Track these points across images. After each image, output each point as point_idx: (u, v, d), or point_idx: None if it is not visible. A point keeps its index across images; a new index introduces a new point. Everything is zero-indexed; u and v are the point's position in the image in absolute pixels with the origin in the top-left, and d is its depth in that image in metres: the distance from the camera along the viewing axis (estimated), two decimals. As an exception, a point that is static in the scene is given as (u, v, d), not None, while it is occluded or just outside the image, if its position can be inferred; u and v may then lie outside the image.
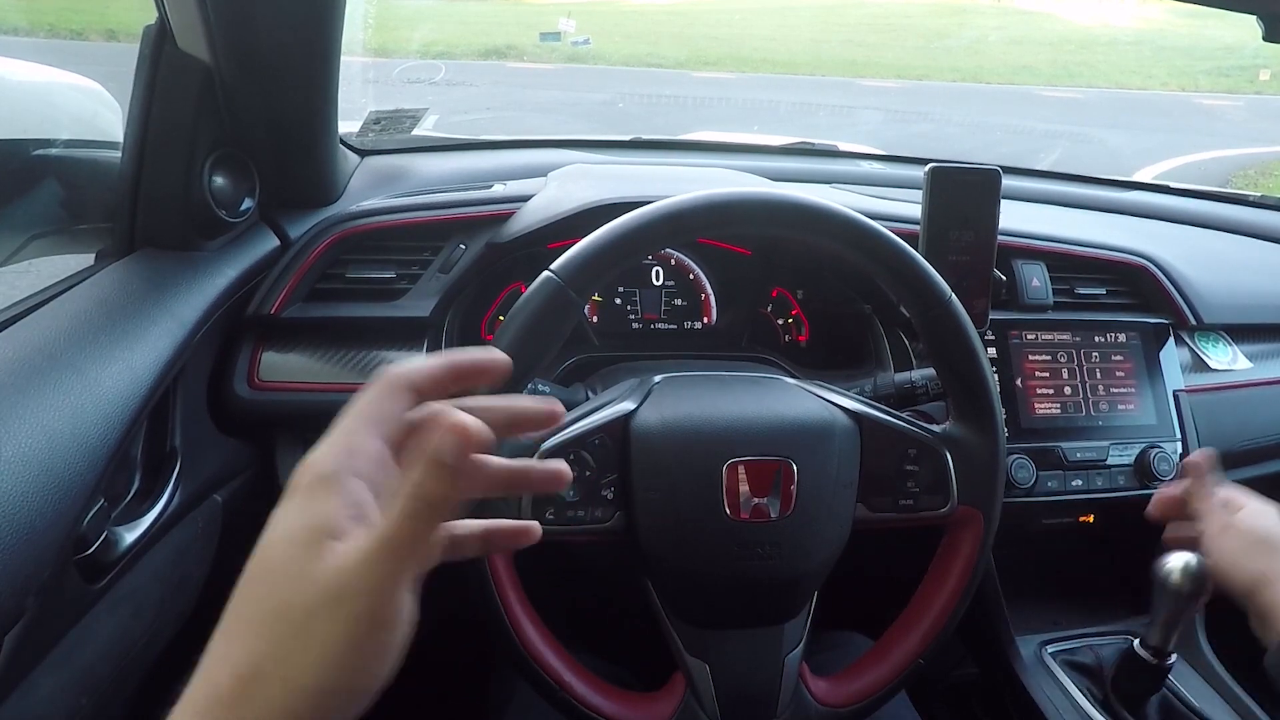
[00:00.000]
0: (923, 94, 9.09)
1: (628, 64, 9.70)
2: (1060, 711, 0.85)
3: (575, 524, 0.64)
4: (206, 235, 0.78)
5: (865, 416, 0.67)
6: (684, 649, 0.67)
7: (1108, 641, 0.93)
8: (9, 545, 0.48)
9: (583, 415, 0.65)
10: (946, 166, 0.86)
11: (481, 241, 0.87)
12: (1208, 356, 1.03)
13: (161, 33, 0.73)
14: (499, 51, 9.13)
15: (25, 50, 1.78)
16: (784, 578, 0.65)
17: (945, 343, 0.67)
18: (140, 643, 0.66)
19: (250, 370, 0.80)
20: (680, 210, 0.63)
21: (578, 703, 0.64)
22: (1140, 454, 0.93)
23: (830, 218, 0.65)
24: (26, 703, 0.52)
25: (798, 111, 6.73)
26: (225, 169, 0.79)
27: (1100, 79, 10.74)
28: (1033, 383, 0.94)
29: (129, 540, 0.62)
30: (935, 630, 0.69)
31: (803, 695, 0.68)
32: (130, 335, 0.65)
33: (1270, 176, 5.68)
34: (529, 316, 0.60)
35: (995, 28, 13.85)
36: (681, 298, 1.01)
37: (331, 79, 0.82)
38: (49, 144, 0.89)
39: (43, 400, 0.56)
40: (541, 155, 1.12)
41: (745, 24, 13.56)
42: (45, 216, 0.89)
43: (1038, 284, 0.96)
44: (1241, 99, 9.60)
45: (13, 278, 0.86)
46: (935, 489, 0.68)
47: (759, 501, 0.63)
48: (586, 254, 0.62)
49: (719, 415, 0.65)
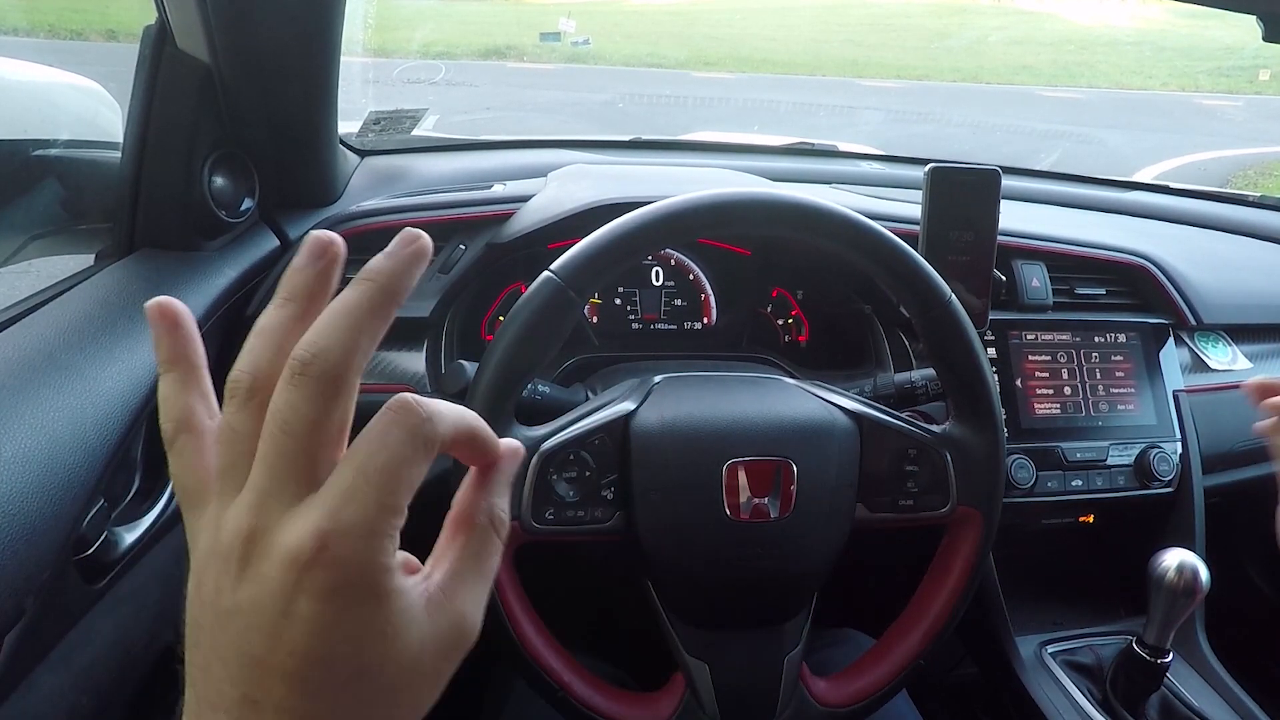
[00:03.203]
0: (923, 94, 9.08)
1: (628, 64, 9.70)
2: (1060, 711, 0.85)
3: (575, 524, 0.64)
4: (206, 235, 0.78)
5: (865, 417, 0.67)
6: (684, 649, 0.67)
7: (1108, 641, 0.93)
8: (9, 546, 0.48)
9: (583, 415, 0.65)
10: (946, 167, 0.86)
11: (481, 242, 0.87)
12: (1207, 356, 1.03)
13: (161, 33, 0.73)
14: (499, 51, 9.13)
15: (25, 50, 1.78)
16: (784, 578, 0.65)
17: (945, 343, 0.67)
18: (140, 643, 0.66)
19: None
20: (680, 210, 0.63)
21: (577, 703, 0.64)
22: (1140, 454, 0.93)
23: (830, 218, 0.65)
24: (27, 703, 0.52)
25: (798, 112, 6.72)
26: (225, 169, 0.79)
27: (1101, 79, 10.73)
28: (1033, 383, 0.94)
29: (129, 540, 0.62)
30: (935, 630, 0.69)
31: (802, 695, 0.68)
32: (130, 336, 0.65)
33: (1270, 176, 5.68)
34: (529, 317, 0.60)
35: (996, 28, 13.84)
36: (681, 298, 1.01)
37: (331, 79, 0.82)
38: (49, 144, 0.89)
39: (43, 401, 0.56)
40: (541, 155, 1.13)
41: (745, 24, 13.56)
42: (45, 216, 0.89)
43: (1038, 284, 0.96)
44: (1241, 99, 9.60)
45: (13, 278, 0.86)
46: (935, 489, 0.68)
47: (759, 502, 0.63)
48: (586, 254, 0.62)
49: (719, 415, 0.65)
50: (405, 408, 0.27)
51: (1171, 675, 0.85)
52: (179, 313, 0.30)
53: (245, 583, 0.25)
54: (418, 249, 0.29)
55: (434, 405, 0.27)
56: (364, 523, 0.25)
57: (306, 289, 0.29)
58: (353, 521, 0.25)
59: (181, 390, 0.29)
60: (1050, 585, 1.02)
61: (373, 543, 0.26)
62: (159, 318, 0.29)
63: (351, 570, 0.25)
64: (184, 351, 0.30)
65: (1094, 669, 0.90)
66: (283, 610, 0.25)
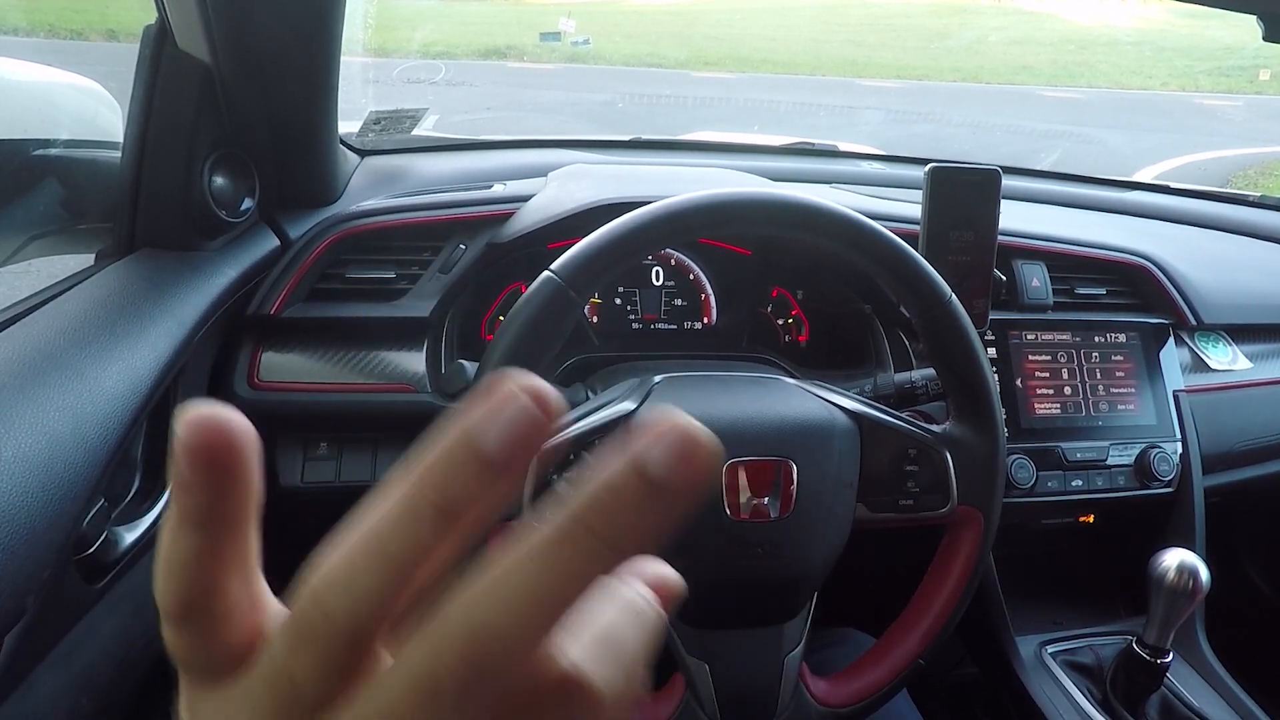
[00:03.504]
0: (923, 94, 9.08)
1: (628, 64, 9.70)
2: (1060, 711, 0.85)
3: None
4: (206, 235, 0.78)
5: (865, 416, 0.67)
6: (684, 649, 0.67)
7: (1108, 641, 0.93)
8: (9, 545, 0.48)
9: (583, 415, 0.65)
10: (947, 166, 0.86)
11: (481, 241, 0.87)
12: (1208, 356, 1.03)
13: (161, 33, 0.73)
14: (499, 51, 9.13)
15: (25, 50, 1.78)
16: (784, 578, 0.65)
17: (945, 343, 0.67)
18: (140, 643, 0.66)
19: (250, 370, 0.80)
20: (680, 210, 0.63)
21: (578, 703, 0.64)
22: (1140, 454, 0.93)
23: (830, 218, 0.65)
24: (27, 703, 0.52)
25: (798, 111, 6.72)
26: (225, 169, 0.79)
27: (1101, 79, 10.74)
28: (1033, 383, 0.94)
29: (129, 540, 0.62)
30: (935, 630, 0.69)
31: (802, 695, 0.68)
32: (130, 335, 0.65)
33: (1270, 176, 5.68)
34: (529, 316, 0.60)
35: (996, 28, 13.85)
36: (681, 298, 1.01)
37: (331, 79, 0.82)
38: (49, 144, 0.89)
39: (43, 400, 0.56)
40: (541, 155, 1.12)
41: (745, 24, 13.56)
42: (45, 216, 0.89)
43: (1038, 284, 0.96)
44: (1241, 99, 9.60)
45: (13, 278, 0.86)
46: (935, 489, 0.68)
47: (759, 502, 0.63)
48: (586, 254, 0.62)
49: (719, 415, 0.65)
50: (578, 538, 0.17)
51: (1171, 675, 0.85)
52: (236, 443, 0.18)
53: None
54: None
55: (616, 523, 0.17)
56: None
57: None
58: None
59: (211, 560, 0.19)
60: (1050, 585, 1.02)
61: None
62: (203, 441, 0.18)
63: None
64: (231, 507, 0.18)
65: (1094, 669, 0.90)
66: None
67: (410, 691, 0.17)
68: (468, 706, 0.16)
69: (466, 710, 0.16)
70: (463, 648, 0.16)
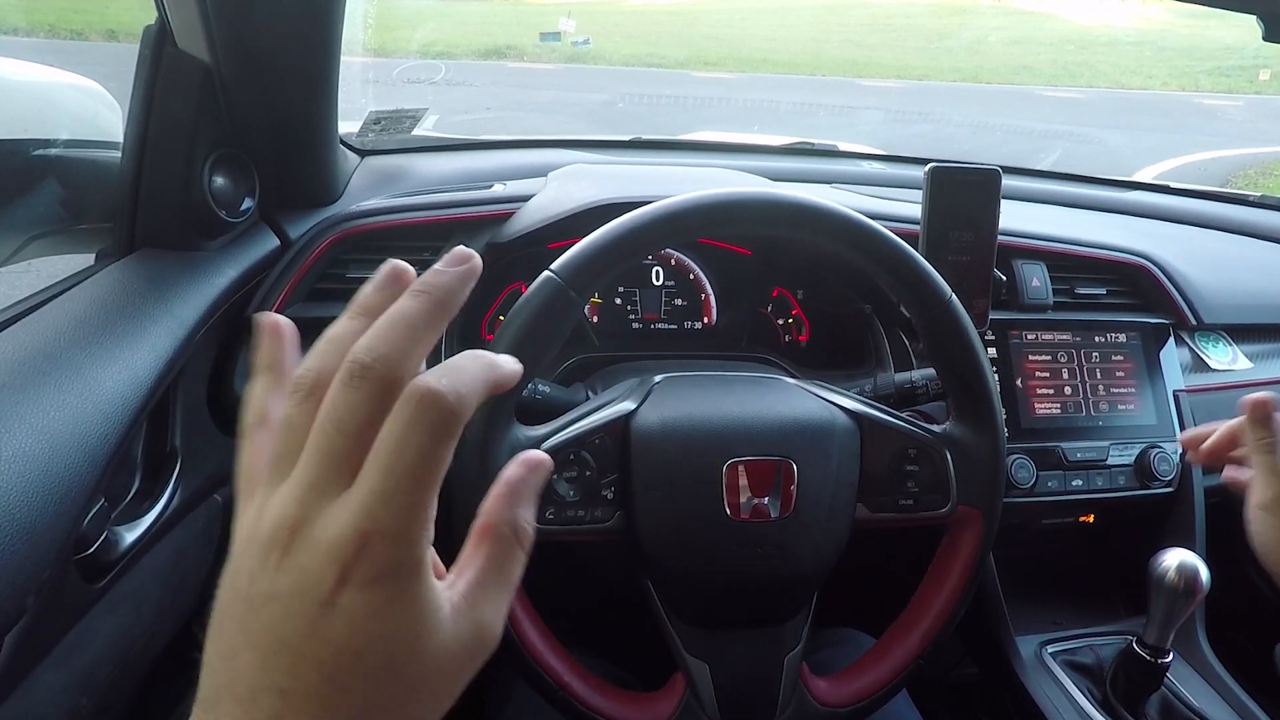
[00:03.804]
0: (923, 94, 9.08)
1: (628, 64, 9.70)
2: (1060, 711, 0.85)
3: (575, 524, 0.63)
4: (207, 235, 0.78)
5: (865, 416, 0.67)
6: (684, 649, 0.67)
7: (1108, 641, 0.93)
8: (9, 545, 0.48)
9: (583, 415, 0.65)
10: (947, 166, 0.86)
11: (481, 241, 0.87)
12: (1208, 356, 1.03)
13: (161, 33, 0.73)
14: (499, 51, 9.13)
15: (25, 50, 1.78)
16: (784, 578, 0.65)
17: (945, 343, 0.67)
18: (140, 643, 0.66)
19: (250, 370, 0.80)
20: (680, 210, 0.63)
21: (577, 703, 0.64)
22: (1140, 454, 0.93)
23: (830, 218, 0.65)
24: (27, 702, 0.52)
25: (798, 111, 6.72)
26: (225, 169, 0.79)
27: (1101, 79, 10.73)
28: (1033, 383, 0.94)
29: (129, 540, 0.62)
30: (935, 630, 0.69)
31: (803, 695, 0.68)
32: (130, 335, 0.65)
33: (1270, 176, 5.68)
34: (529, 316, 0.60)
35: (996, 28, 13.84)
36: (681, 298, 1.01)
37: (331, 79, 0.82)
38: (49, 144, 0.89)
39: (43, 400, 0.56)
40: (541, 155, 1.13)
41: (745, 24, 13.56)
42: (45, 216, 0.89)
43: (1038, 284, 0.96)
44: (1241, 99, 9.60)
45: (13, 278, 0.86)
46: (935, 489, 0.68)
47: (759, 501, 0.63)
48: (587, 254, 0.62)
49: (719, 415, 0.65)
50: (426, 401, 0.27)
51: (1171, 675, 0.85)
52: (284, 328, 0.32)
53: (285, 571, 0.26)
54: (470, 268, 0.30)
55: (455, 382, 0.27)
56: (400, 524, 0.26)
57: (380, 307, 0.30)
58: (389, 523, 0.26)
59: (266, 392, 0.32)
60: (1050, 585, 1.02)
61: (409, 542, 0.27)
62: (269, 329, 0.32)
63: (391, 568, 0.26)
64: (280, 359, 0.32)
65: (1094, 669, 0.90)
66: (326, 600, 0.26)
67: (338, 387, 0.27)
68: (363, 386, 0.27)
69: (362, 390, 0.27)
70: (361, 356, 0.27)
